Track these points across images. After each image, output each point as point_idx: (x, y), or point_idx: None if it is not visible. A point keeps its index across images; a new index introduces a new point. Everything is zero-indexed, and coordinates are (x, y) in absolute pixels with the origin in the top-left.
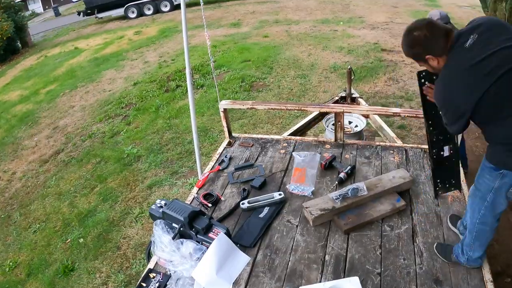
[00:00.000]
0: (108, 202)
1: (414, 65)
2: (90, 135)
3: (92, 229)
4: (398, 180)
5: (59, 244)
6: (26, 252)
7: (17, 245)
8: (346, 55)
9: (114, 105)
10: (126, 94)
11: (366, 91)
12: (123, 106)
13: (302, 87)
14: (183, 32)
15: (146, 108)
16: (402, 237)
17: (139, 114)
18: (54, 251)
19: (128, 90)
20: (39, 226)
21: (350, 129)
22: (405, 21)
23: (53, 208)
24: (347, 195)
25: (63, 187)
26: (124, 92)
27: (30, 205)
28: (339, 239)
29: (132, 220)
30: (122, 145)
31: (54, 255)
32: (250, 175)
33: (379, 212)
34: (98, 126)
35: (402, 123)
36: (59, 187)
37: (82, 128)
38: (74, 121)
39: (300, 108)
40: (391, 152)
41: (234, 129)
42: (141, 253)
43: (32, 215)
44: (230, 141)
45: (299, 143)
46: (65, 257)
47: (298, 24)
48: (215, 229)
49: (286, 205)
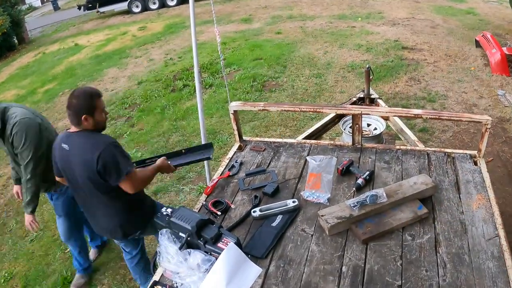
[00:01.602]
0: None
1: (437, 64)
2: None
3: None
4: (419, 186)
5: (58, 254)
6: (23, 263)
7: (13, 255)
8: (365, 53)
9: (116, 105)
10: (130, 94)
11: (385, 91)
12: (127, 106)
13: (317, 87)
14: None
15: (151, 109)
16: (424, 247)
17: (144, 115)
18: (52, 262)
19: (131, 90)
20: (36, 235)
21: (369, 132)
22: (427, 17)
23: (51, 215)
24: (366, 202)
25: None
26: (127, 92)
27: None
28: (357, 249)
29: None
30: (125, 149)
31: (52, 265)
32: (262, 181)
33: (399, 220)
34: None
35: (424, 125)
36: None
37: None
38: None
39: (316, 109)
40: (412, 157)
41: (245, 132)
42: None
43: None
44: (240, 145)
45: (314, 147)
46: (64, 268)
47: (313, 19)
48: (224, 238)
49: (301, 213)
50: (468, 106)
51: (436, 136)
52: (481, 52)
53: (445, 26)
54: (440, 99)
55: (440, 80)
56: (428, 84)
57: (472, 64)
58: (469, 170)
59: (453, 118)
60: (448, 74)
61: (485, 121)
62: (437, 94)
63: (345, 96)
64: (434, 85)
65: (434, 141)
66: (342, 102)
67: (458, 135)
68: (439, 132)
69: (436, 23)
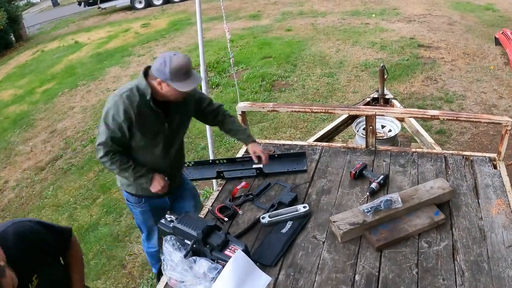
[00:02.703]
0: (112, 215)
1: (455, 62)
2: (92, 139)
3: (94, 245)
4: (436, 190)
5: None
6: None
7: None
8: (379, 51)
9: None
10: None
11: (401, 91)
12: None
13: (329, 87)
14: (198, 25)
15: None
16: (441, 255)
17: None
18: None
19: None
20: None
21: (383, 134)
22: (444, 13)
23: (50, 221)
24: (380, 207)
25: (62, 198)
26: None
27: None
28: (371, 256)
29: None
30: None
31: None
32: (278, 194)
33: (415, 226)
34: None
35: (441, 127)
36: (57, 198)
37: (83, 132)
38: (74, 124)
39: (327, 110)
40: (428, 160)
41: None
42: (148, 272)
43: None
44: None
45: (326, 149)
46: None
47: (325, 16)
48: (232, 246)
49: (312, 219)
50: (487, 107)
51: (454, 139)
52: (500, 50)
53: (463, 23)
54: (458, 100)
55: (458, 79)
56: (445, 83)
57: (491, 62)
58: (488, 174)
59: (471, 120)
60: (466, 73)
61: (505, 122)
62: (455, 94)
63: (358, 97)
64: (452, 85)
65: (451, 144)
66: (355, 102)
67: (477, 137)
68: (457, 134)
69: (453, 20)
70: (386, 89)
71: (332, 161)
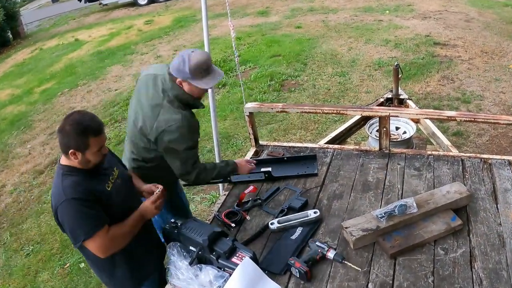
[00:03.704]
0: None
1: (473, 61)
2: None
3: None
4: (453, 195)
5: (57, 269)
6: (18, 279)
7: (6, 270)
8: (393, 50)
9: (121, 106)
10: None
11: (416, 91)
12: None
13: (341, 87)
14: (203, 22)
15: None
16: (458, 262)
17: None
18: (50, 278)
19: None
20: (33, 249)
21: (398, 135)
22: (461, 9)
23: (49, 227)
24: (394, 213)
25: None
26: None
27: (23, 224)
28: (385, 264)
29: None
30: None
31: (50, 282)
32: (289, 199)
33: (431, 232)
34: None
35: (458, 129)
36: None
37: None
38: None
39: (339, 111)
40: (445, 163)
41: (261, 135)
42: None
43: (25, 236)
44: (257, 150)
45: (337, 152)
46: (63, 284)
47: (336, 12)
48: (239, 253)
49: (322, 224)
50: (507, 108)
51: (471, 141)
52: None
53: (481, 20)
54: (476, 100)
55: (476, 79)
56: (462, 83)
57: (510, 61)
58: (507, 177)
59: (489, 121)
60: (485, 72)
61: None
62: (473, 95)
63: (371, 97)
64: (469, 84)
65: (469, 146)
66: (368, 103)
67: (496, 140)
68: (475, 136)
69: (471, 17)
70: (400, 89)
71: (344, 165)
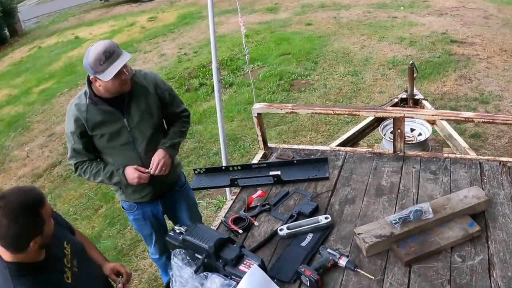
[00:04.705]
0: (116, 227)
1: (491, 60)
2: None
3: None
4: (471, 200)
5: None
6: None
7: None
8: (408, 48)
9: None
10: None
11: (432, 91)
12: None
13: (353, 87)
14: (209, 19)
15: None
16: (476, 270)
17: None
18: None
19: None
20: None
21: (413, 138)
22: (479, 5)
23: None
24: (409, 218)
25: (61, 207)
26: None
27: None
28: (399, 272)
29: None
30: None
31: None
32: (298, 203)
33: (447, 239)
34: None
35: (476, 130)
36: (56, 208)
37: None
38: None
39: (351, 112)
40: (462, 166)
41: (270, 137)
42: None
43: None
44: (265, 152)
45: (350, 155)
46: None
47: (348, 9)
48: (247, 260)
49: (334, 230)
50: None
51: (490, 143)
52: None
53: (500, 17)
54: (495, 100)
55: (495, 78)
56: (480, 83)
57: None
58: None
59: (509, 122)
60: (504, 71)
61: None
62: (491, 95)
63: (385, 97)
64: (488, 84)
65: (487, 149)
66: (382, 103)
67: None
68: (493, 138)
69: (489, 13)
70: (415, 89)
71: (357, 168)
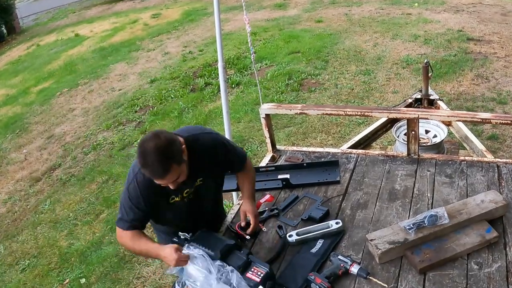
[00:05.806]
0: None
1: (509, 58)
2: (95, 146)
3: (97, 266)
4: (488, 204)
5: (55, 285)
6: None
7: (0, 286)
8: (422, 46)
9: (125, 108)
10: (141, 94)
11: (447, 91)
12: (137, 109)
13: (365, 86)
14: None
15: (166, 112)
16: (494, 278)
17: (158, 119)
18: None
19: (143, 89)
20: (29, 263)
21: (427, 139)
22: (497, 2)
23: (47, 239)
24: (423, 224)
25: (60, 213)
26: (138, 92)
27: (18, 236)
28: (413, 280)
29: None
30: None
31: None
32: (308, 208)
33: (464, 245)
34: (105, 135)
35: (493, 132)
36: (55, 213)
37: (85, 138)
38: (74, 128)
39: (363, 113)
40: (479, 169)
41: (279, 139)
42: None
43: (21, 249)
44: (273, 155)
45: (362, 158)
46: None
47: (360, 5)
48: (254, 267)
49: (345, 236)
50: None
51: (508, 145)
52: None
53: None
54: None
55: None
56: (498, 82)
57: None
58: None
59: None
60: None
61: None
62: (509, 95)
63: (398, 97)
64: (506, 83)
65: (505, 151)
66: (395, 104)
67: None
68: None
69: (507, 10)
70: (430, 89)
71: (369, 171)
